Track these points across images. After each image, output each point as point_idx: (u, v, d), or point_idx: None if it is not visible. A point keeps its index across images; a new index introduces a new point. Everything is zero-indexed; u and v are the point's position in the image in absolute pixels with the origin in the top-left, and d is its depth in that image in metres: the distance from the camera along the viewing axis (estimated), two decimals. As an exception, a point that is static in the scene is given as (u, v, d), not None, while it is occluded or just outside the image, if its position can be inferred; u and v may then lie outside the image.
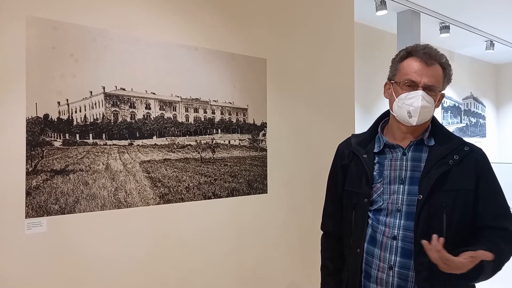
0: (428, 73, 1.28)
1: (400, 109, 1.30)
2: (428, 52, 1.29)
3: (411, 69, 1.29)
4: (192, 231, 2.10)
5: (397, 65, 1.34)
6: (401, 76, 1.32)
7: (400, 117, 1.32)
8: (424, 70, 1.28)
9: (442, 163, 1.27)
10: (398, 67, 1.34)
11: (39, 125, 1.67)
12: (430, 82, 1.27)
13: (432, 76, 1.28)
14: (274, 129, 2.46)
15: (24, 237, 1.62)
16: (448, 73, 1.32)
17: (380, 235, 1.31)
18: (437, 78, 1.29)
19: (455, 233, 1.24)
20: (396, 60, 1.36)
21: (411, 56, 1.31)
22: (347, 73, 2.87)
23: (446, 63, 1.32)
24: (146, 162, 1.96)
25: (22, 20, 1.63)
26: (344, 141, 1.53)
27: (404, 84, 1.30)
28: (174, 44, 2.05)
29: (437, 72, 1.29)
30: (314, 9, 2.69)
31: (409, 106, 1.27)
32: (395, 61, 1.36)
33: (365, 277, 1.34)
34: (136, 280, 1.91)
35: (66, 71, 1.74)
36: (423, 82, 1.27)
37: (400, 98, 1.30)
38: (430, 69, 1.28)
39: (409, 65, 1.30)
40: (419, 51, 1.30)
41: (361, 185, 1.37)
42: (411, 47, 1.33)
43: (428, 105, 1.27)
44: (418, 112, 1.26)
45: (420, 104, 1.25)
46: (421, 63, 1.28)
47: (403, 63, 1.32)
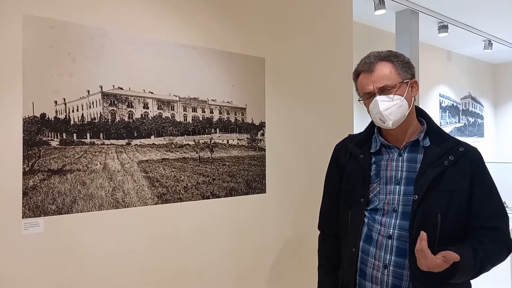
0: (374, 78, 1.32)
1: (375, 119, 1.36)
2: (367, 61, 1.35)
3: (362, 84, 1.36)
4: (190, 231, 2.09)
5: (356, 86, 1.42)
6: (360, 93, 1.39)
7: (379, 125, 1.36)
8: (369, 77, 1.33)
9: (438, 163, 1.28)
10: (357, 87, 1.42)
11: (36, 125, 1.66)
12: (380, 83, 1.31)
13: (380, 77, 1.31)
14: (273, 129, 2.45)
15: (20, 238, 1.61)
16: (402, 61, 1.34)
17: (376, 234, 1.32)
18: (386, 76, 1.31)
19: (449, 233, 1.26)
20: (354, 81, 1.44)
21: (359, 72, 1.38)
22: (345, 72, 2.86)
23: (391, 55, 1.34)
24: (144, 161, 1.95)
25: (18, 18, 1.62)
26: (340, 142, 1.55)
27: (365, 98, 1.36)
28: (172, 43, 2.04)
29: (383, 71, 1.31)
30: (313, 8, 2.69)
31: (376, 114, 1.32)
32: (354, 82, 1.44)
33: (360, 276, 1.35)
34: (134, 280, 1.90)
35: (63, 70, 1.72)
36: (374, 87, 1.32)
37: (370, 111, 1.35)
38: (374, 73, 1.32)
39: (360, 81, 1.38)
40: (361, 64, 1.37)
41: (358, 185, 1.38)
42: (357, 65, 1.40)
43: (392, 103, 1.29)
44: (385, 115, 1.29)
45: (381, 108, 1.29)
46: (366, 73, 1.34)
47: (357, 82, 1.40)
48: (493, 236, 1.27)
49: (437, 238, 1.24)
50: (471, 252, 1.21)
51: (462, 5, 4.20)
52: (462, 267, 1.17)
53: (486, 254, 1.24)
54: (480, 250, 1.23)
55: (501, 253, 1.29)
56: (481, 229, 1.28)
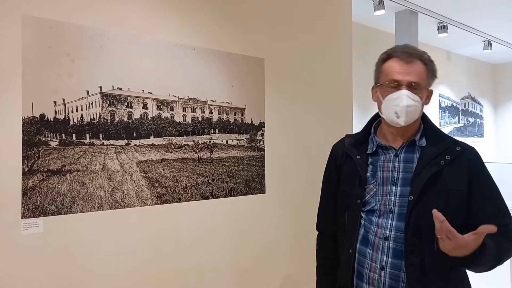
0: (409, 71, 1.27)
1: (387, 111, 1.30)
2: (407, 51, 1.30)
3: (393, 69, 1.29)
4: (190, 231, 2.09)
5: (380, 68, 1.35)
6: (384, 78, 1.32)
7: (388, 118, 1.31)
8: (405, 68, 1.28)
9: (434, 163, 1.27)
10: (381, 70, 1.34)
11: (35, 125, 1.66)
12: (413, 79, 1.27)
13: (414, 73, 1.27)
14: (272, 129, 2.45)
15: (20, 238, 1.61)
16: (431, 69, 1.32)
17: (372, 236, 1.31)
18: (419, 74, 1.28)
19: None
20: (378, 63, 1.36)
21: (391, 57, 1.32)
22: (345, 72, 2.87)
23: (428, 59, 1.31)
24: (143, 162, 1.95)
25: (18, 19, 1.62)
26: (338, 142, 1.53)
27: (388, 85, 1.30)
28: (171, 44, 2.04)
29: (419, 69, 1.28)
30: (312, 9, 2.69)
31: (395, 106, 1.27)
32: (377, 64, 1.37)
33: (357, 277, 1.35)
34: (133, 280, 1.90)
35: (63, 70, 1.73)
36: (406, 80, 1.27)
37: (386, 100, 1.30)
38: (411, 66, 1.28)
39: (390, 65, 1.30)
40: (398, 51, 1.31)
41: (354, 186, 1.37)
42: (391, 49, 1.34)
43: (414, 103, 1.26)
44: (405, 112, 1.26)
45: (405, 103, 1.25)
46: (401, 62, 1.28)
47: (385, 65, 1.33)
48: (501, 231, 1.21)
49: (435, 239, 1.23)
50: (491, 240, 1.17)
51: (461, 6, 4.21)
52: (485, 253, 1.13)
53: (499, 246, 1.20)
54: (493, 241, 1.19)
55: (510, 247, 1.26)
56: None
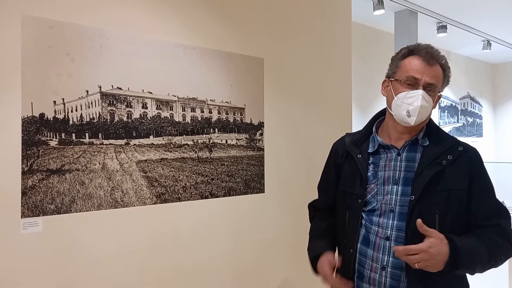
0: (429, 72, 1.27)
1: (398, 108, 1.29)
2: (430, 52, 1.29)
3: (413, 67, 1.28)
4: (189, 231, 2.10)
5: (398, 63, 1.33)
6: (402, 74, 1.30)
7: (398, 116, 1.30)
8: (426, 68, 1.27)
9: (435, 163, 1.27)
10: (399, 65, 1.32)
11: (35, 125, 1.67)
12: (431, 80, 1.27)
13: (433, 75, 1.28)
14: (271, 129, 2.46)
15: (19, 237, 1.62)
16: (448, 75, 1.33)
17: (373, 236, 1.31)
18: (437, 78, 1.29)
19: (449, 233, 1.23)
20: (397, 57, 1.34)
21: (413, 54, 1.30)
22: (344, 72, 2.87)
23: (446, 65, 1.32)
24: (142, 161, 1.95)
25: (17, 19, 1.62)
26: (338, 140, 1.53)
27: (405, 81, 1.29)
28: (171, 44, 2.04)
29: (438, 72, 1.29)
30: (312, 9, 2.69)
31: (408, 105, 1.26)
32: (396, 58, 1.35)
33: (358, 277, 1.34)
34: (132, 279, 1.90)
35: (62, 70, 1.73)
36: (424, 80, 1.27)
37: (400, 97, 1.28)
38: (432, 68, 1.28)
39: (411, 62, 1.29)
40: (421, 50, 1.30)
41: (355, 185, 1.37)
42: (413, 46, 1.33)
43: (427, 105, 1.27)
44: (417, 112, 1.25)
45: (420, 103, 1.25)
46: (423, 61, 1.28)
47: (405, 60, 1.31)
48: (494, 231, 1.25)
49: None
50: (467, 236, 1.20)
51: (461, 5, 4.21)
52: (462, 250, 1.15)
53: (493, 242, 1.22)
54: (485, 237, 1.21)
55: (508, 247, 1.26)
56: (482, 228, 1.26)
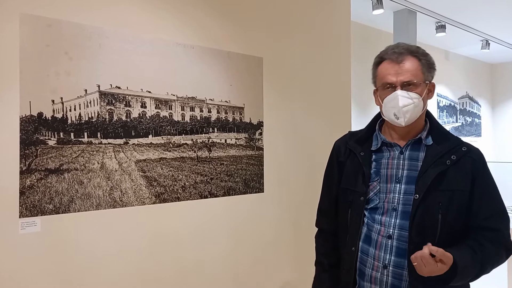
0: (401, 70, 1.27)
1: (387, 113, 1.31)
2: (397, 51, 1.29)
3: (385, 72, 1.30)
4: (188, 230, 2.09)
5: (375, 72, 1.36)
6: (379, 82, 1.33)
7: (389, 120, 1.32)
8: (397, 68, 1.28)
9: (439, 162, 1.27)
10: (376, 74, 1.36)
11: (33, 124, 1.66)
12: (406, 78, 1.27)
13: (406, 71, 1.27)
14: (271, 128, 2.45)
15: (18, 237, 1.61)
16: (427, 62, 1.30)
17: (376, 234, 1.30)
18: (412, 71, 1.27)
19: (449, 233, 1.24)
20: (373, 67, 1.37)
21: (383, 60, 1.32)
22: (343, 71, 2.86)
23: (421, 53, 1.30)
24: (141, 161, 1.94)
25: (15, 17, 1.61)
26: (340, 138, 1.53)
27: (383, 88, 1.31)
28: (170, 42, 2.04)
29: (412, 66, 1.28)
30: (311, 8, 2.69)
31: (392, 108, 1.28)
32: (373, 69, 1.38)
33: (360, 276, 1.34)
34: (131, 279, 1.90)
35: (61, 69, 1.72)
36: (399, 80, 1.27)
37: (385, 102, 1.30)
38: (403, 65, 1.27)
39: (383, 68, 1.32)
40: (389, 52, 1.31)
41: (357, 183, 1.36)
42: (382, 51, 1.34)
43: (411, 101, 1.26)
44: (402, 112, 1.26)
45: (401, 103, 1.25)
46: (392, 63, 1.29)
47: (378, 68, 1.34)
48: (492, 237, 1.26)
49: (437, 238, 1.23)
50: (469, 255, 1.20)
51: (459, 5, 4.21)
52: (461, 270, 1.16)
53: (485, 256, 1.22)
54: (479, 251, 1.22)
55: (500, 255, 1.27)
56: (480, 230, 1.27)
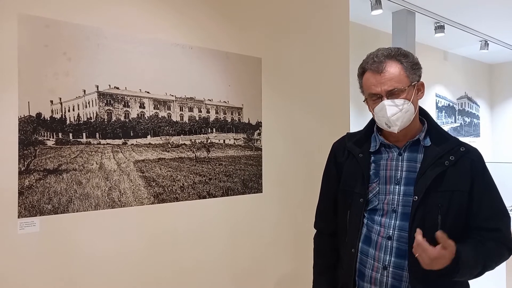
0: (383, 80, 1.26)
1: (379, 122, 1.32)
2: (377, 60, 1.28)
3: (368, 84, 1.31)
4: (187, 231, 2.09)
5: (360, 83, 1.37)
6: (365, 93, 1.34)
7: (384, 128, 1.33)
8: (379, 78, 1.27)
9: (438, 163, 1.27)
10: (361, 85, 1.37)
11: (32, 124, 1.66)
12: (389, 87, 1.26)
13: (389, 79, 1.26)
14: (269, 129, 2.45)
15: (16, 237, 1.61)
16: (410, 62, 1.28)
17: (375, 235, 1.30)
18: (395, 78, 1.26)
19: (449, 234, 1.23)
20: (358, 78, 1.38)
21: (365, 70, 1.32)
22: (342, 72, 2.87)
23: (401, 54, 1.28)
24: (140, 161, 1.95)
25: (14, 18, 1.62)
26: (338, 140, 1.53)
27: (370, 100, 1.32)
28: (168, 43, 2.04)
29: (393, 73, 1.26)
30: (310, 9, 2.69)
31: (382, 118, 1.28)
32: (358, 79, 1.38)
33: (359, 277, 1.34)
34: (130, 279, 1.90)
35: (59, 69, 1.72)
36: (383, 90, 1.26)
37: (375, 112, 1.31)
38: (384, 74, 1.26)
39: (366, 79, 1.32)
40: (369, 63, 1.30)
41: (357, 184, 1.37)
42: (364, 61, 1.34)
43: (398, 109, 1.25)
44: (391, 120, 1.26)
45: (388, 113, 1.25)
46: (373, 73, 1.28)
47: (363, 79, 1.34)
48: (493, 236, 1.26)
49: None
50: (472, 250, 1.20)
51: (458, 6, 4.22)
52: (463, 263, 1.15)
53: (487, 253, 1.22)
54: (481, 247, 1.22)
55: (502, 253, 1.27)
56: (480, 230, 1.27)
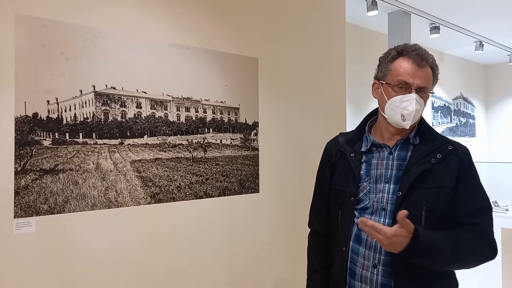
0: (420, 75, 1.27)
1: (393, 112, 1.29)
2: (420, 53, 1.29)
3: (404, 70, 1.28)
4: (184, 231, 2.09)
5: (388, 65, 1.32)
6: (392, 77, 1.30)
7: (392, 119, 1.31)
8: (417, 71, 1.27)
9: (424, 161, 1.28)
10: (389, 68, 1.31)
11: (28, 124, 1.66)
12: (423, 84, 1.27)
13: (424, 78, 1.28)
14: (266, 129, 2.46)
15: (12, 237, 1.60)
16: (436, 74, 1.33)
17: (365, 234, 1.30)
18: (428, 80, 1.29)
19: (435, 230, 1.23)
20: (387, 59, 1.33)
21: (402, 56, 1.30)
22: (338, 72, 2.88)
23: (435, 64, 1.33)
24: (137, 161, 1.95)
25: (11, 18, 1.61)
26: (332, 139, 1.54)
27: (396, 86, 1.29)
28: (165, 43, 2.04)
29: (428, 74, 1.29)
30: (306, 9, 2.70)
31: (403, 109, 1.27)
32: (386, 60, 1.34)
33: (350, 275, 1.35)
34: (126, 280, 1.90)
35: (56, 69, 1.72)
36: (416, 84, 1.26)
37: (393, 101, 1.29)
38: (422, 70, 1.28)
39: (401, 66, 1.28)
40: (411, 52, 1.29)
41: (348, 184, 1.38)
42: (402, 47, 1.32)
43: (420, 107, 1.28)
44: (412, 116, 1.27)
45: (415, 108, 1.26)
46: (413, 64, 1.27)
47: (394, 63, 1.30)
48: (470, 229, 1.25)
49: None
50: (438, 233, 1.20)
51: (453, 7, 4.25)
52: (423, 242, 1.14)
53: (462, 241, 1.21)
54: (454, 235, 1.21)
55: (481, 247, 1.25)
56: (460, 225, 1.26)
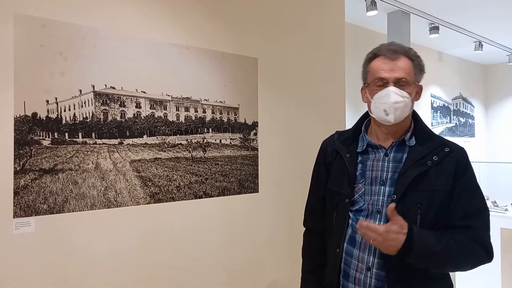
0: (395, 67, 1.27)
1: (377, 109, 1.30)
2: (392, 48, 1.30)
3: (379, 68, 1.29)
4: (183, 231, 2.10)
5: (366, 68, 1.35)
6: (371, 77, 1.32)
7: (378, 117, 1.31)
8: (391, 65, 1.27)
9: (420, 163, 1.26)
10: (368, 69, 1.34)
11: (27, 124, 1.66)
12: (400, 75, 1.26)
13: (400, 69, 1.27)
14: (265, 128, 2.46)
15: (12, 237, 1.60)
16: (418, 64, 1.31)
17: (360, 236, 1.29)
18: (406, 70, 1.27)
19: None
20: (365, 63, 1.36)
21: (377, 56, 1.32)
22: (338, 72, 2.88)
23: (414, 54, 1.31)
24: (136, 161, 1.95)
25: (10, 17, 1.61)
26: (328, 138, 1.53)
27: (375, 84, 1.30)
28: (165, 43, 2.04)
29: (405, 65, 1.28)
30: (305, 9, 2.70)
31: (383, 104, 1.27)
32: (364, 64, 1.36)
33: (344, 277, 1.34)
34: (126, 279, 1.90)
35: (55, 69, 1.72)
36: (392, 77, 1.27)
37: (375, 99, 1.29)
38: (397, 62, 1.27)
39: (376, 64, 1.30)
40: (383, 49, 1.31)
41: (343, 185, 1.36)
42: (376, 48, 1.34)
43: (402, 99, 1.25)
44: (393, 108, 1.25)
45: (393, 99, 1.25)
46: (386, 59, 1.28)
47: (371, 64, 1.33)
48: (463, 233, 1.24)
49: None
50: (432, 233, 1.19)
51: (453, 7, 4.25)
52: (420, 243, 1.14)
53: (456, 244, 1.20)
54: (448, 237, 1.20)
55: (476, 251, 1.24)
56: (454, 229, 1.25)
